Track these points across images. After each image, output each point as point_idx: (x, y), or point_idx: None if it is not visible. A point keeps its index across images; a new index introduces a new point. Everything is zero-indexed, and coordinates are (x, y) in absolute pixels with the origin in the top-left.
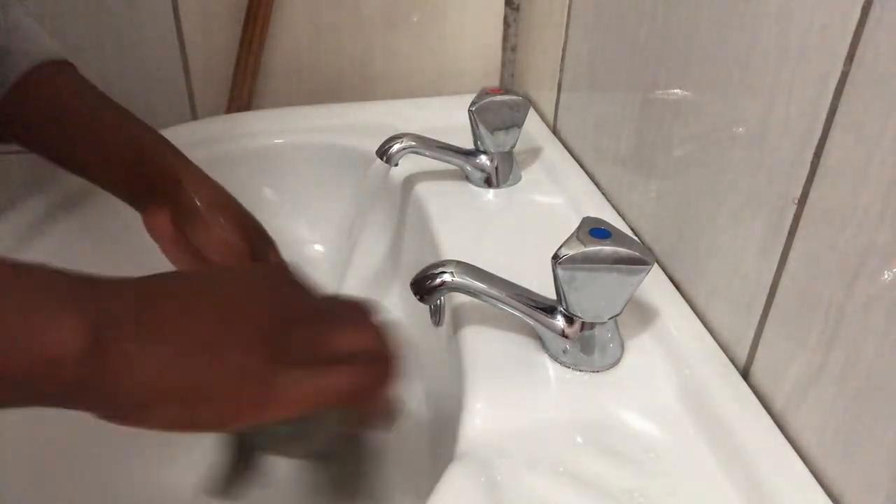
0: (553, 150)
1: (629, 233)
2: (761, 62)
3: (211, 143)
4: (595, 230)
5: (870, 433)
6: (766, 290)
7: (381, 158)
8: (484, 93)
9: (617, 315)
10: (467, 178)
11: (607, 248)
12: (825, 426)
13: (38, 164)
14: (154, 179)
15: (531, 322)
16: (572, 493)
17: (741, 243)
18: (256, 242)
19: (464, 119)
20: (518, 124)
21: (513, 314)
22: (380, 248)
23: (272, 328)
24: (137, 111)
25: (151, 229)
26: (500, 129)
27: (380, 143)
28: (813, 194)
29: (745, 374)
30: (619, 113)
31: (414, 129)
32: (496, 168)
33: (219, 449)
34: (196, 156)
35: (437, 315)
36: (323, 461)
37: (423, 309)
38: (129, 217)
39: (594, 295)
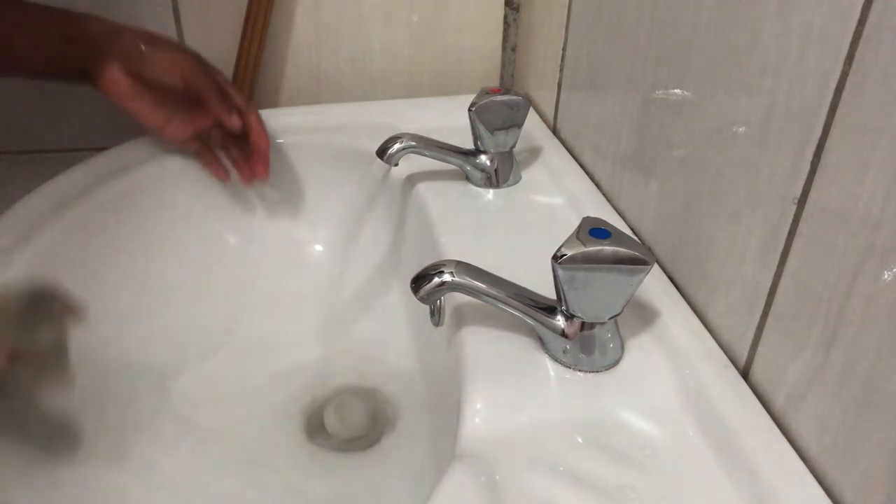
0: (553, 150)
1: (629, 233)
2: (761, 62)
3: None
4: (595, 230)
5: (869, 433)
6: (766, 290)
7: (381, 158)
8: (484, 93)
9: (617, 315)
10: (467, 178)
11: (607, 248)
12: (825, 426)
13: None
14: (95, 45)
15: (531, 322)
16: (572, 493)
17: (741, 243)
18: (201, 62)
19: (464, 119)
20: (518, 124)
21: (513, 314)
22: (380, 248)
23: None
24: None
25: (109, 89)
26: (500, 129)
27: (380, 143)
28: (813, 194)
29: (745, 374)
30: (619, 113)
31: (414, 129)
32: (496, 168)
33: None
34: None
35: (437, 315)
36: None
37: (423, 309)
38: (128, 216)
39: (594, 295)
